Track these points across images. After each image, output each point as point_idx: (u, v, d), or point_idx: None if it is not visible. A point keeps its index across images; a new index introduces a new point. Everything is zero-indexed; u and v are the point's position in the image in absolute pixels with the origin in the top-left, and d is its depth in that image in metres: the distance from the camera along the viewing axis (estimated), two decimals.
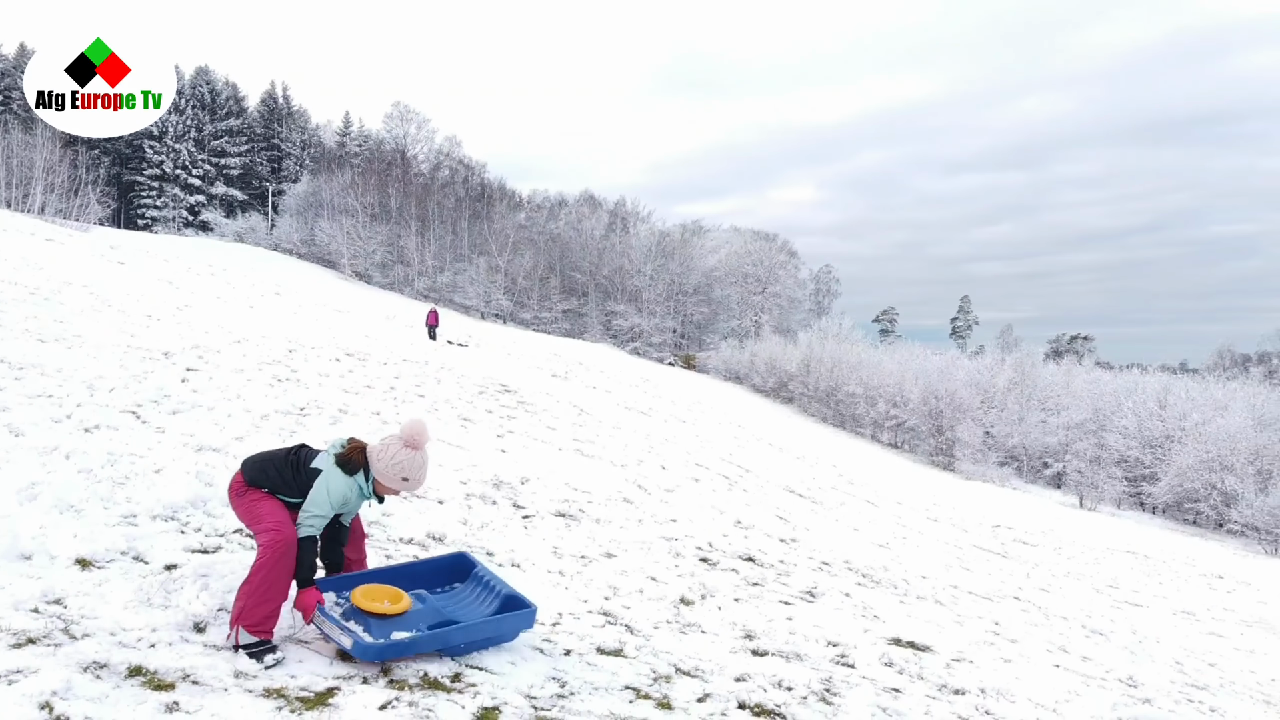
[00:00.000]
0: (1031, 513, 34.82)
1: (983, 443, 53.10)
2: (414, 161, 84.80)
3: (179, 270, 32.22)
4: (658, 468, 12.27)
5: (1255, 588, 25.44)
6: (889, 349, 73.83)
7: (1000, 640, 7.33)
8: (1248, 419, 47.85)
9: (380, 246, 71.49)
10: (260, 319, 20.46)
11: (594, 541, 6.99)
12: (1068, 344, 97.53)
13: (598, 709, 3.47)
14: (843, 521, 14.64)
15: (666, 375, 50.32)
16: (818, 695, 4.17)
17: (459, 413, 12.06)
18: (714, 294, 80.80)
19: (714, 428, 25.64)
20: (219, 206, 79.40)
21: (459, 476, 8.13)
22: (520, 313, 73.15)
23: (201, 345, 12.46)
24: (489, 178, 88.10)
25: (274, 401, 9.59)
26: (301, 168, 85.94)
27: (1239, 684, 10.17)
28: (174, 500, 5.16)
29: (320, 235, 71.13)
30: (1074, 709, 5.11)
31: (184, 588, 3.87)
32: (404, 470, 3.90)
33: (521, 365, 25.61)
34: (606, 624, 4.76)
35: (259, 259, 58.77)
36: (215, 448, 6.99)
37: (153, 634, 3.39)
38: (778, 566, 7.87)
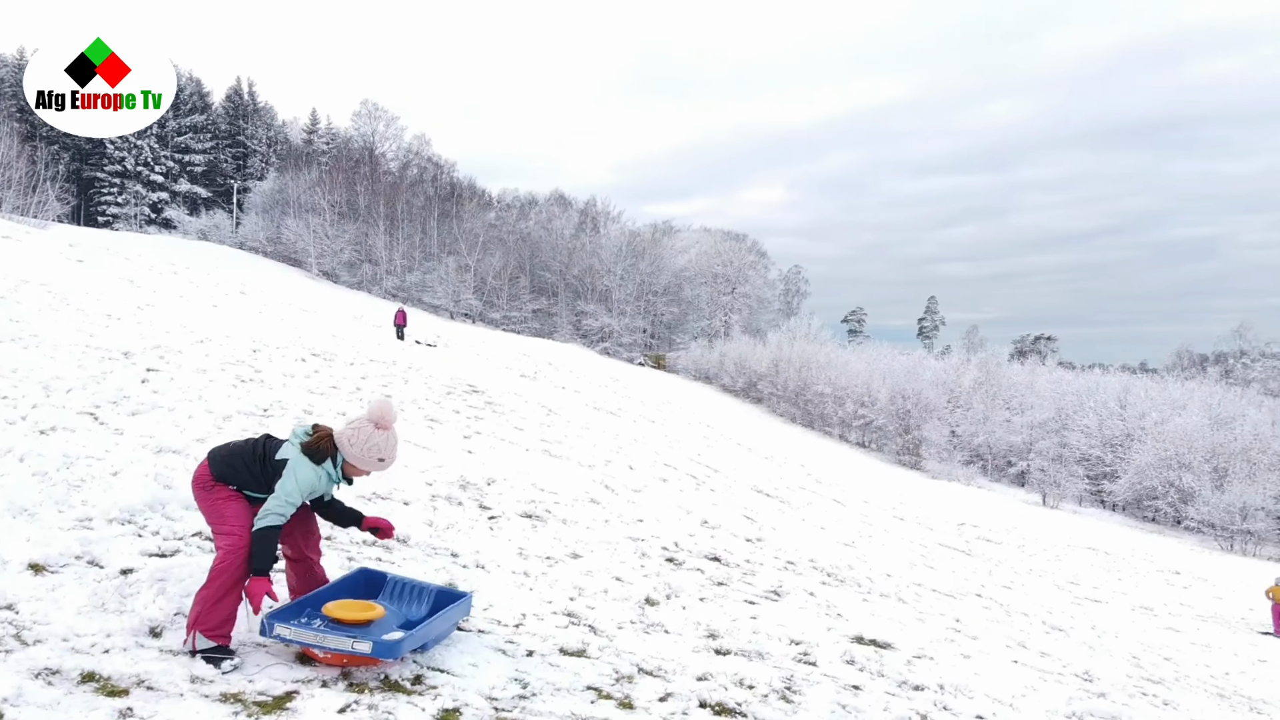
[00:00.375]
0: (996, 511, 35.35)
1: (949, 442, 53.82)
2: (382, 159, 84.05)
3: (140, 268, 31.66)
4: (625, 468, 12.29)
5: (1211, 583, 26.06)
6: (857, 349, 74.55)
7: (961, 637, 7.44)
8: (1204, 418, 48.99)
9: (348, 245, 70.78)
10: (224, 318, 20.18)
11: (560, 542, 6.99)
12: (1032, 344, 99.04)
13: (559, 710, 3.48)
14: (809, 521, 14.76)
15: (636, 375, 50.37)
16: (779, 693, 4.22)
17: (426, 414, 12.00)
18: (684, 294, 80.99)
19: (683, 428, 25.72)
20: (182, 204, 78.10)
21: (425, 478, 8.09)
22: (489, 312, 72.80)
23: (163, 345, 12.27)
24: (458, 176, 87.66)
25: (237, 402, 9.48)
26: (267, 165, 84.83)
27: (1194, 678, 10.42)
28: (131, 503, 5.08)
29: (287, 233, 70.26)
30: (1030, 704, 5.21)
31: (140, 592, 3.82)
32: (379, 451, 3.90)
33: (490, 365, 25.50)
34: (570, 625, 4.77)
35: (223, 257, 57.93)
36: (175, 449, 6.89)
37: (107, 639, 3.35)
38: (743, 566, 7.92)
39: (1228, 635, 16.44)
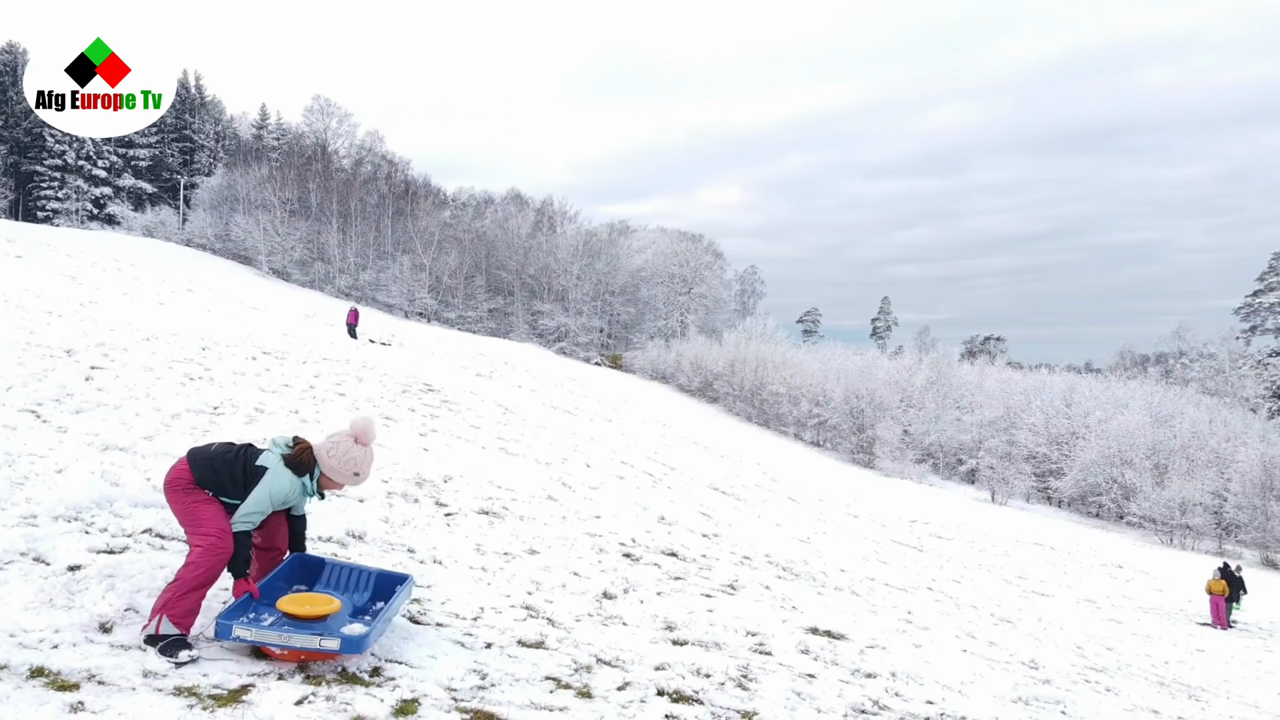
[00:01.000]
0: (946, 508, 36.02)
1: (901, 440, 54.68)
2: (335, 156, 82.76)
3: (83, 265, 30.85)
4: (582, 466, 12.30)
5: (1152, 576, 26.87)
6: (812, 349, 75.28)
7: (912, 628, 7.60)
8: (1146, 416, 50.42)
9: (299, 243, 69.52)
10: (171, 316, 19.75)
11: (517, 538, 6.99)
12: (981, 345, 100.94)
13: (518, 699, 3.50)
14: (765, 518, 14.92)
15: (593, 375, 50.33)
16: (735, 681, 4.28)
17: (381, 411, 11.88)
18: (640, 294, 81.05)
19: (640, 427, 25.79)
20: (126, 199, 76.01)
21: (380, 475, 8.02)
22: (445, 312, 72.09)
23: (107, 343, 11.98)
24: (413, 174, 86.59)
25: (185, 400, 9.29)
26: (216, 160, 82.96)
27: (1135, 666, 10.76)
28: (77, 500, 4.97)
29: (236, 231, 68.78)
30: (978, 689, 5.36)
31: (89, 588, 3.75)
32: (356, 465, 4.01)
33: (446, 364, 25.31)
34: (528, 617, 4.78)
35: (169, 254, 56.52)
36: (122, 447, 6.74)
37: (55, 635, 3.28)
38: (700, 561, 8.00)
39: (1167, 626, 16.98)
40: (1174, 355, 77.51)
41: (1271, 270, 64.97)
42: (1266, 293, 64.69)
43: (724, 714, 3.81)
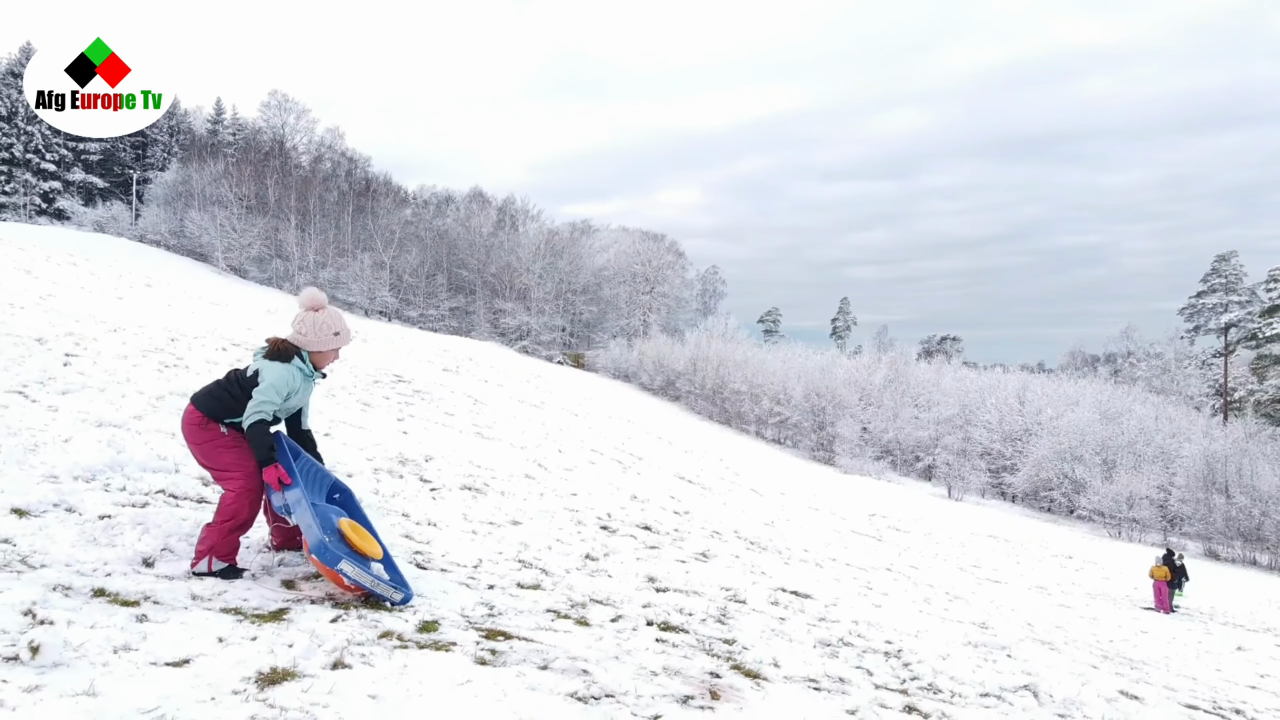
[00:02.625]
0: (904, 503, 36.85)
1: (860, 438, 55.68)
2: (293, 153, 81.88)
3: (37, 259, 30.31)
4: (555, 451, 12.66)
5: (1100, 566, 27.87)
6: (773, 348, 76.13)
7: (872, 593, 8.10)
8: (1095, 414, 51.99)
9: (257, 240, 68.66)
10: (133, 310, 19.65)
11: (501, 511, 7.34)
12: (938, 344, 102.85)
13: (525, 624, 3.88)
14: (730, 505, 15.39)
15: (556, 373, 50.53)
16: (715, 618, 4.70)
17: (357, 398, 12.13)
18: (603, 293, 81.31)
19: (605, 421, 26.16)
20: (77, 194, 74.43)
21: (364, 454, 8.31)
22: (406, 310, 71.71)
23: (76, 333, 12.05)
24: (374, 172, 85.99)
25: (167, 384, 9.48)
26: (170, 155, 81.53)
27: (1080, 641, 11.36)
28: (91, 464, 5.22)
29: (191, 227, 67.69)
30: (932, 636, 5.84)
31: (124, 533, 4.05)
32: (331, 326, 4.24)
33: (412, 359, 25.42)
34: (523, 568, 5.16)
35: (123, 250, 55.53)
36: (116, 424, 6.95)
37: (105, 566, 3.59)
38: (673, 534, 8.42)
39: (1114, 610, 17.74)
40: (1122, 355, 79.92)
41: (1214, 273, 67.29)
42: (1209, 294, 66.99)
43: (708, 640, 4.22)
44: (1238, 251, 67.75)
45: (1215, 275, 67.16)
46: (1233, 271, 66.40)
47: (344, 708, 2.61)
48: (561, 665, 3.27)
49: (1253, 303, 63.67)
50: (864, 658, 4.56)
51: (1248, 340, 62.85)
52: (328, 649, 3.01)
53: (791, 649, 4.32)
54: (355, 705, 2.64)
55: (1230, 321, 64.64)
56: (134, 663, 2.70)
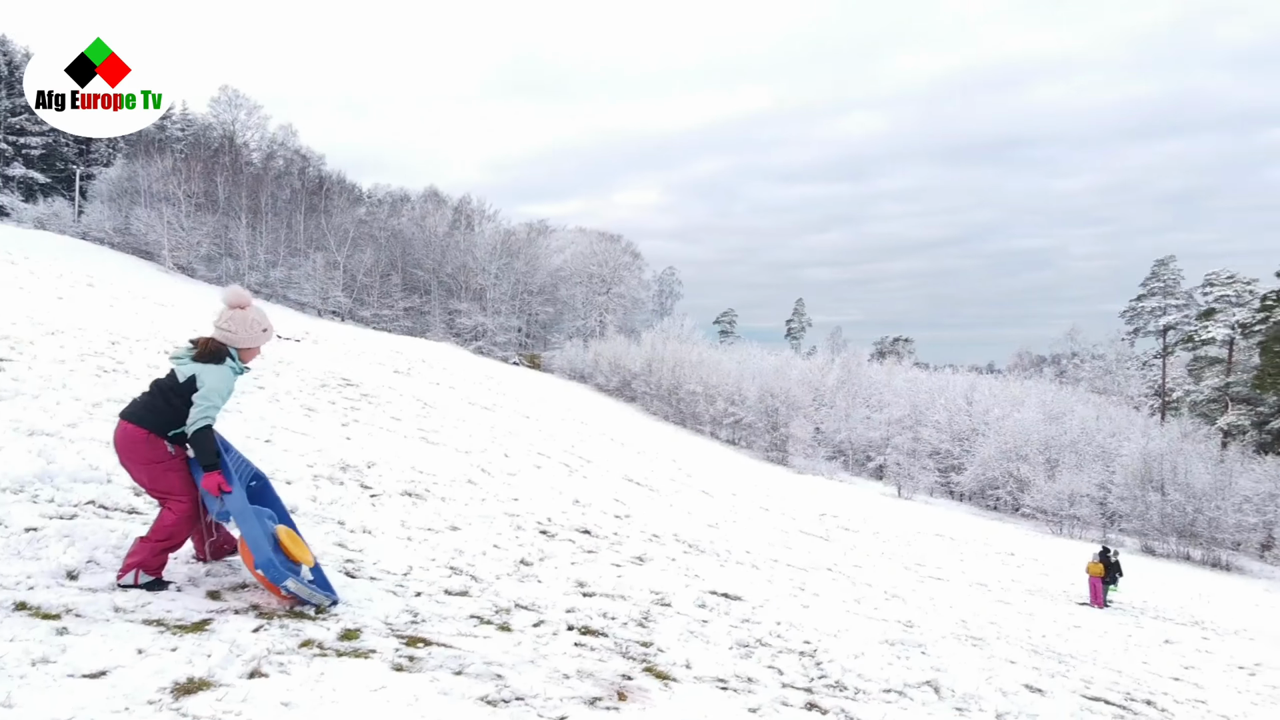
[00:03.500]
0: (855, 502, 37.47)
1: (814, 438, 56.41)
2: (244, 149, 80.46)
3: None
4: (501, 455, 12.75)
5: (1040, 562, 28.64)
6: (728, 349, 76.70)
7: (804, 594, 8.35)
8: (1039, 414, 53.34)
9: (206, 238, 67.32)
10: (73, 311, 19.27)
11: (440, 516, 7.45)
12: (891, 345, 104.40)
13: (447, 630, 4.02)
14: (677, 507, 15.60)
15: (511, 374, 50.45)
16: (637, 622, 4.88)
17: (301, 403, 12.09)
18: (559, 294, 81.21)
19: (557, 423, 26.24)
20: (16, 190, 72.24)
21: (305, 460, 8.35)
22: (360, 310, 70.92)
23: (11, 336, 11.83)
24: (327, 170, 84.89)
25: (105, 390, 9.40)
26: (115, 151, 79.50)
27: (1013, 637, 11.76)
28: (19, 475, 5.23)
29: (137, 224, 66.11)
30: (851, 635, 6.09)
31: (49, 545, 4.10)
32: (259, 323, 4.32)
33: (363, 361, 25.27)
34: (453, 574, 5.29)
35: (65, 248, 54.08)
36: (49, 432, 6.90)
37: (29, 579, 3.65)
38: (612, 538, 8.59)
39: (1050, 606, 18.30)
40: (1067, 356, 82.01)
41: (1153, 276, 69.32)
42: (1148, 298, 68.98)
43: (625, 643, 4.40)
44: (1176, 256, 69.92)
45: (1154, 279, 69.21)
46: (1171, 275, 68.49)
47: (256, 715, 2.74)
48: (476, 670, 3.42)
49: (1190, 306, 65.74)
50: (778, 658, 4.78)
51: (1185, 342, 64.87)
52: (246, 658, 3.12)
53: (707, 650, 4.52)
54: (267, 712, 2.76)
55: (1168, 324, 66.66)
56: (51, 675, 2.80)
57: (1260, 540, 43.08)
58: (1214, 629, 18.84)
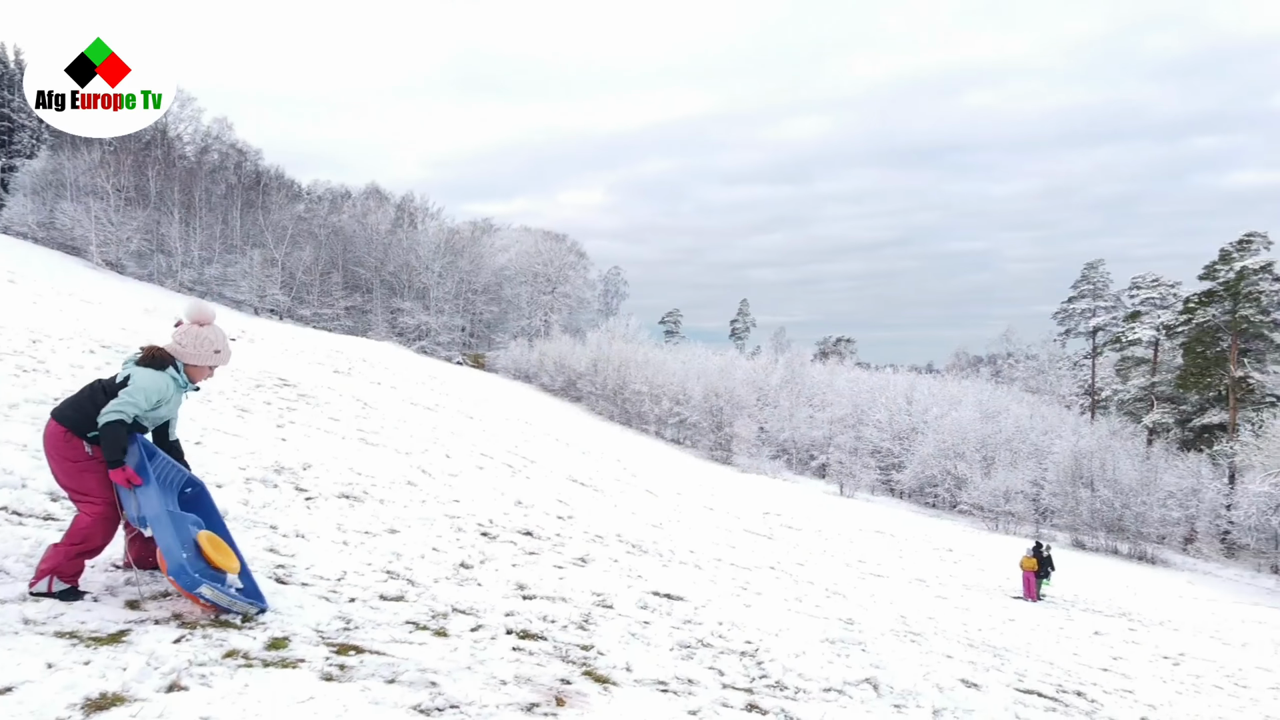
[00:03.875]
0: (798, 501, 37.91)
1: (758, 437, 56.88)
2: (177, 143, 78.10)
3: None
4: (442, 456, 12.57)
5: (977, 558, 29.32)
6: (673, 349, 76.94)
7: (746, 593, 8.38)
8: (976, 412, 54.66)
9: (136, 234, 65.16)
10: None
11: (378, 519, 7.28)
12: (833, 345, 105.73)
13: (381, 637, 3.91)
14: (621, 507, 15.56)
15: (455, 374, 49.88)
16: (577, 624, 4.82)
17: (235, 403, 11.75)
18: (504, 293, 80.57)
19: (501, 423, 26.01)
20: None
21: (237, 463, 8.10)
22: (299, 309, 69.42)
23: None
24: (265, 165, 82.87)
25: (23, 390, 9.00)
26: (39, 142, 76.50)
27: (950, 632, 11.98)
28: None
29: (62, 219, 63.70)
30: (792, 634, 6.12)
31: None
32: (213, 344, 4.15)
33: (301, 361, 24.71)
34: (389, 579, 5.16)
35: None
36: None
37: None
38: (554, 539, 8.51)
39: (986, 600, 18.73)
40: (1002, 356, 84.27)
41: (1083, 279, 71.53)
42: (1078, 299, 71.13)
43: (565, 646, 4.34)
44: (1105, 259, 72.25)
45: (1084, 282, 71.41)
46: (1100, 278, 70.75)
47: None
48: (410, 678, 3.33)
49: (1118, 308, 67.94)
50: (719, 659, 4.77)
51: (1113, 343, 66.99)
52: (164, 671, 2.99)
53: (648, 652, 4.49)
54: None
55: (1097, 325, 68.81)
56: None
57: (1183, 534, 44.79)
58: (1140, 620, 19.48)
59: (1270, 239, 52.75)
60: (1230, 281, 51.87)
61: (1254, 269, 51.02)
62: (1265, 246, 52.49)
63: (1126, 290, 66.90)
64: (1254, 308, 50.87)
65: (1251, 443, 42.51)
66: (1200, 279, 54.99)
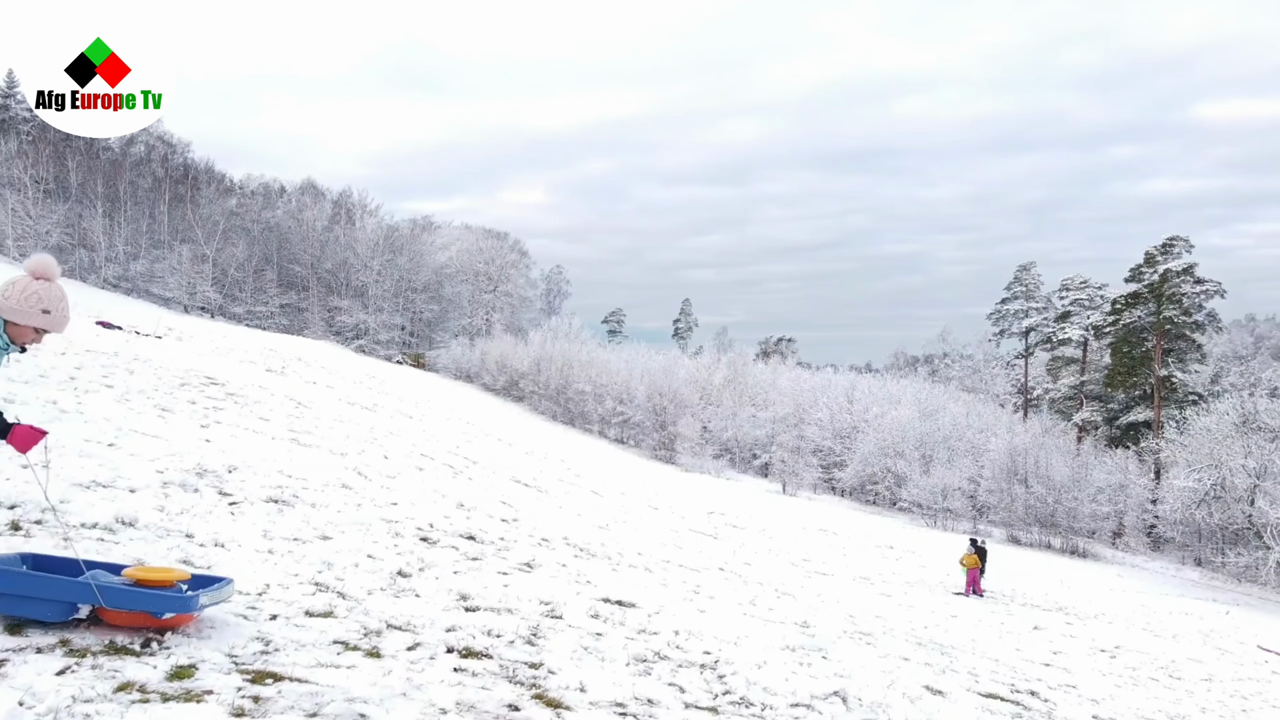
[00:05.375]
0: (742, 500, 37.95)
1: (701, 437, 56.89)
2: None
3: None
4: (380, 457, 12.03)
5: (918, 555, 29.65)
6: (616, 349, 76.63)
7: (699, 598, 8.10)
8: (915, 411, 55.49)
9: (56, 228, 62.36)
10: None
11: (308, 525, 6.80)
12: (775, 345, 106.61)
13: (304, 660, 3.49)
14: (566, 508, 15.19)
15: (394, 373, 48.77)
16: (525, 639, 4.45)
17: (156, 403, 11.05)
18: (444, 291, 79.28)
19: (442, 424, 25.37)
20: None
21: (155, 465, 7.52)
22: (231, 306, 67.27)
23: None
24: (194, 158, 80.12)
25: None
26: None
27: (898, 630, 11.90)
28: None
29: None
30: (752, 642, 5.84)
31: None
32: (42, 302, 3.55)
33: (232, 359, 23.72)
34: (317, 592, 4.71)
35: None
36: None
37: None
38: (498, 544, 8.10)
39: (928, 596, 18.83)
40: (939, 356, 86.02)
41: (1016, 281, 73.32)
42: (1011, 301, 72.89)
43: (512, 665, 3.97)
44: (1036, 262, 74.22)
45: (1017, 283, 73.20)
46: (1032, 280, 72.60)
47: None
48: (335, 709, 2.93)
49: (1048, 309, 69.80)
50: (679, 673, 4.44)
51: (1044, 343, 68.86)
52: (42, 710, 2.54)
53: (603, 669, 4.14)
54: None
55: (1030, 326, 70.61)
56: None
57: (1112, 529, 46.11)
58: (1076, 614, 19.81)
59: (1191, 243, 54.72)
60: (1154, 283, 53.62)
61: (1176, 271, 52.85)
62: (1187, 250, 54.39)
63: (1056, 292, 68.78)
64: (1177, 309, 52.68)
65: (1175, 440, 43.86)
66: (1126, 281, 56.73)
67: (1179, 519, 42.49)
